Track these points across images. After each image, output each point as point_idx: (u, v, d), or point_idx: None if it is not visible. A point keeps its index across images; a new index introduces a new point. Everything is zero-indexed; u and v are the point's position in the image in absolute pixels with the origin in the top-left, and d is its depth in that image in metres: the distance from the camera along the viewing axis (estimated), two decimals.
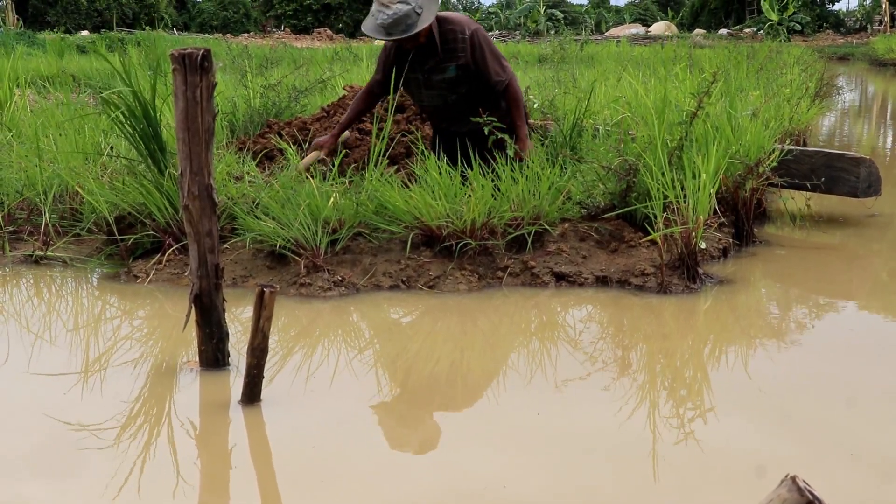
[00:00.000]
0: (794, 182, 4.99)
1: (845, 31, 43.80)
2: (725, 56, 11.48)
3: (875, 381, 2.95)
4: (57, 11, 44.26)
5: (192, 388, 2.84)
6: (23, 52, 14.15)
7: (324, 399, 2.78)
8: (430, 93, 4.57)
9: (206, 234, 2.83)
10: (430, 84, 4.54)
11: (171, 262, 4.00)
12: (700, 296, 3.76)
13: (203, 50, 2.74)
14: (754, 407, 2.72)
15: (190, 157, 2.77)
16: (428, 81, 4.53)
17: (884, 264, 4.54)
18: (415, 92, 4.66)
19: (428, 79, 4.52)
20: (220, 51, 13.23)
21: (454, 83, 4.51)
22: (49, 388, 2.86)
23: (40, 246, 4.25)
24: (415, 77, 4.54)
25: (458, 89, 4.52)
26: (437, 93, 4.55)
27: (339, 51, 17.40)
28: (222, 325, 2.90)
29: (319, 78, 8.04)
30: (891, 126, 11.80)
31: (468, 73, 4.47)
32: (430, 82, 4.53)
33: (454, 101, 4.56)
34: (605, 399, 2.78)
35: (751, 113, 5.34)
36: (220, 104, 6.09)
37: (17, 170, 4.81)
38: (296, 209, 3.90)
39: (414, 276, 3.87)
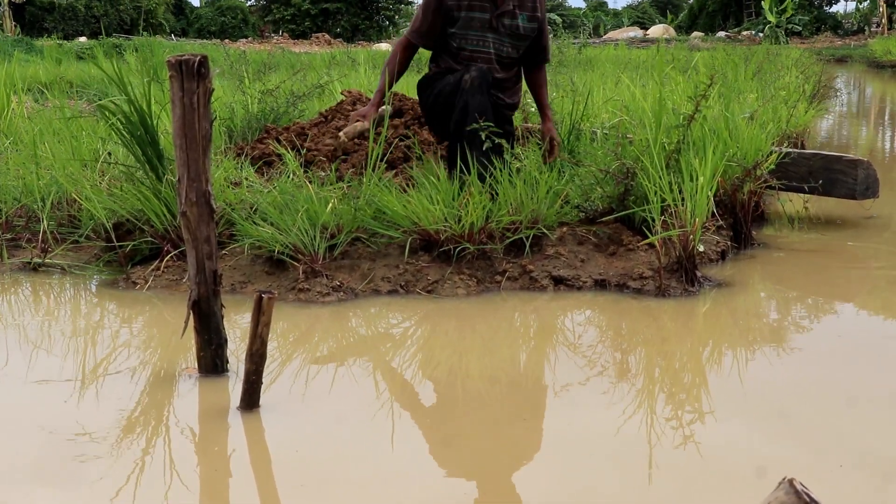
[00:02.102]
0: (792, 184, 5.00)
1: (843, 34, 43.89)
2: (723, 58, 11.50)
3: (875, 383, 2.95)
4: (54, 18, 44.28)
5: (191, 395, 2.84)
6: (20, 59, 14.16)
7: (323, 405, 2.78)
8: (495, 37, 4.41)
9: (204, 241, 2.83)
10: (497, 28, 4.40)
11: (170, 269, 4.00)
12: (698, 299, 3.76)
13: (200, 56, 2.74)
14: (753, 410, 2.72)
15: (187, 164, 2.77)
16: (498, 23, 4.39)
17: (882, 266, 4.54)
18: (475, 35, 4.41)
19: (499, 20, 4.39)
20: (218, 56, 13.23)
21: (520, 34, 4.44)
22: (48, 396, 2.86)
23: (38, 253, 4.25)
24: (483, 17, 4.39)
25: (520, 43, 4.46)
26: (501, 40, 4.41)
27: (337, 56, 17.42)
28: (221, 331, 2.90)
29: (317, 83, 8.03)
30: (889, 128, 11.81)
31: (532, 30, 4.46)
32: (499, 25, 4.40)
33: (507, 58, 4.47)
34: (605, 402, 2.78)
35: (748, 115, 5.34)
36: (217, 110, 6.10)
37: (14, 177, 4.81)
38: (294, 215, 3.91)
39: (412, 280, 3.88)
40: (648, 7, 71.08)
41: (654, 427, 2.60)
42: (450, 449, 2.52)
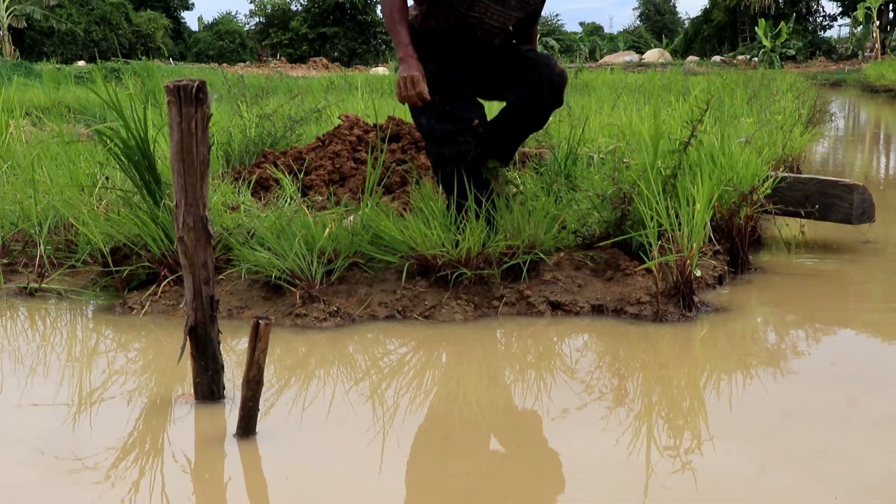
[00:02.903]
0: (789, 209, 5.01)
1: (837, 58, 44.14)
2: (719, 83, 11.55)
3: (872, 409, 2.94)
4: (53, 42, 44.48)
5: (187, 421, 2.83)
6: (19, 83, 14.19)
7: (320, 432, 2.77)
8: (502, 10, 4.05)
9: (201, 266, 2.82)
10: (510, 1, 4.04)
11: (167, 294, 4.00)
12: (696, 324, 3.76)
13: (198, 82, 2.75)
14: (751, 436, 2.71)
15: (185, 189, 2.78)
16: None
17: (879, 290, 4.55)
18: (488, 7, 4.03)
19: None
20: (216, 80, 13.28)
21: (528, 5, 4.12)
22: (43, 421, 2.85)
23: (35, 278, 4.24)
24: None
25: (523, 14, 4.15)
26: (507, 13, 4.07)
27: (334, 80, 17.49)
28: (217, 357, 2.89)
29: (315, 107, 8.06)
30: (884, 152, 11.84)
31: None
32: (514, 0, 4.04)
33: (505, 28, 4.15)
34: (603, 428, 2.77)
35: (744, 140, 5.36)
36: (215, 134, 6.12)
37: (11, 201, 4.81)
38: (291, 240, 3.91)
39: (410, 305, 3.87)
40: (644, 31, 71.50)
41: (652, 454, 2.59)
42: (447, 477, 2.51)
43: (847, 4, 48.56)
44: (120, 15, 48.26)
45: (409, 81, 3.90)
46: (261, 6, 55.17)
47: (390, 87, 15.77)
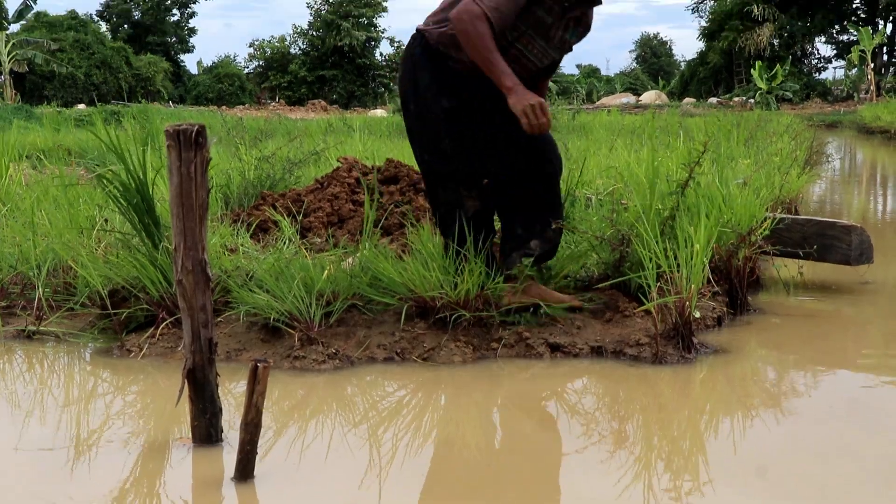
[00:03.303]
0: (787, 250, 5.02)
1: (833, 100, 44.42)
2: (716, 125, 11.61)
3: (874, 449, 2.93)
4: (54, 86, 44.75)
5: (185, 465, 2.81)
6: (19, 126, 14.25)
7: (318, 474, 2.75)
8: (542, 47, 3.86)
9: (199, 309, 2.82)
10: (552, 37, 3.85)
11: (165, 336, 3.99)
12: (695, 366, 3.75)
13: (197, 126, 2.76)
14: (750, 479, 2.70)
15: (184, 233, 2.78)
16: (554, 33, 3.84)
17: (878, 332, 4.54)
18: (531, 36, 3.80)
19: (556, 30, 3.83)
20: (216, 123, 13.35)
21: (563, 50, 3.96)
22: (40, 465, 2.83)
23: (33, 321, 4.23)
24: (547, 21, 3.79)
25: (560, 52, 3.97)
26: (546, 51, 3.88)
27: (332, 122, 17.58)
28: (215, 400, 2.88)
29: (313, 150, 8.10)
30: (881, 193, 11.89)
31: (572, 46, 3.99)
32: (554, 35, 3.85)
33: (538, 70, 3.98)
34: (602, 471, 2.75)
35: (742, 181, 5.38)
36: (214, 176, 6.14)
37: (11, 244, 4.81)
38: (290, 282, 3.91)
39: (408, 347, 3.86)
40: (641, 74, 72.01)
41: (653, 496, 2.57)
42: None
43: (841, 47, 49.03)
44: (120, 59, 48.61)
45: (539, 108, 3.60)
46: (260, 49, 55.58)
47: (388, 130, 15.86)
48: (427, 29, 3.86)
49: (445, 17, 3.74)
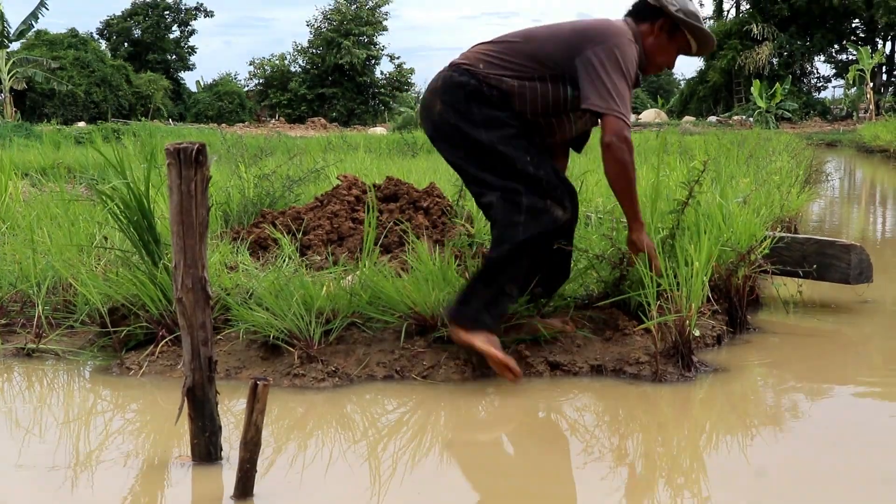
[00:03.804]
0: (787, 269, 5.02)
1: (832, 119, 44.53)
2: (716, 144, 11.64)
3: (873, 468, 2.92)
4: (54, 104, 44.85)
5: (185, 483, 2.81)
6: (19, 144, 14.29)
7: (318, 492, 2.75)
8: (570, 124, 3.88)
9: (199, 327, 2.82)
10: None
11: (164, 354, 3.99)
12: (695, 384, 3.74)
13: (198, 144, 2.77)
14: (751, 497, 2.69)
15: (184, 250, 2.78)
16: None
17: (877, 351, 4.54)
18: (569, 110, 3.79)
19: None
20: (215, 140, 13.36)
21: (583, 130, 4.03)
22: (39, 483, 2.82)
23: (33, 339, 4.23)
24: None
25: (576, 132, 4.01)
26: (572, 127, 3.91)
27: (332, 140, 17.61)
28: (215, 418, 2.88)
29: (313, 167, 8.11)
30: (880, 212, 11.90)
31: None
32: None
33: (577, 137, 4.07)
34: (603, 489, 2.75)
35: (741, 200, 5.39)
36: (214, 194, 6.14)
37: (10, 262, 4.82)
38: (289, 300, 3.91)
39: (408, 365, 3.86)
40: (640, 92, 72.18)
41: None
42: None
43: (841, 66, 49.18)
44: (120, 77, 48.74)
45: (644, 247, 3.85)
46: (260, 67, 55.73)
47: (388, 147, 15.89)
48: (482, 73, 3.69)
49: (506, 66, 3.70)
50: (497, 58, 3.73)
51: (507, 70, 3.70)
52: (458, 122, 3.68)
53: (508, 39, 3.81)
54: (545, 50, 3.70)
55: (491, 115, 3.67)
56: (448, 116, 3.71)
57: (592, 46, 3.63)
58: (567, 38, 3.70)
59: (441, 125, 3.76)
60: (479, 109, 3.67)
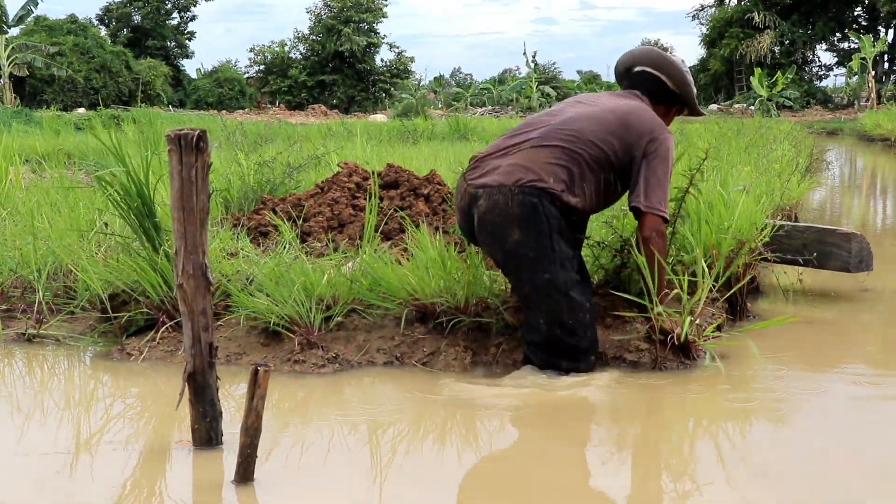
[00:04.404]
0: (787, 257, 5.02)
1: (833, 107, 44.44)
2: (717, 132, 11.62)
3: (872, 455, 2.93)
4: (54, 90, 44.74)
5: (186, 468, 2.82)
6: (19, 130, 14.27)
7: (318, 478, 2.75)
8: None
9: (200, 313, 2.82)
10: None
11: (165, 340, 3.99)
12: (695, 372, 3.75)
13: (199, 131, 2.77)
14: (752, 484, 2.70)
15: (185, 237, 2.78)
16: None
17: (877, 339, 4.54)
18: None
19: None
20: (216, 127, 13.34)
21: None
22: (40, 468, 2.83)
23: (33, 324, 4.23)
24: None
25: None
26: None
27: (333, 127, 17.59)
28: (216, 403, 2.88)
29: (314, 154, 8.10)
30: (881, 201, 11.90)
31: None
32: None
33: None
34: (603, 475, 2.76)
35: (742, 188, 5.39)
36: (214, 181, 6.13)
37: (11, 248, 4.82)
38: (290, 286, 3.91)
39: (408, 352, 3.87)
40: None
41: (653, 498, 2.58)
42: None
43: (842, 55, 49.09)
44: (120, 63, 48.60)
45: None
46: (260, 54, 55.58)
47: (389, 135, 15.88)
48: (555, 192, 3.61)
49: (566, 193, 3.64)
50: (561, 167, 3.65)
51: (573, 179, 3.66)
52: (538, 253, 3.59)
53: (560, 140, 3.69)
54: (604, 143, 3.70)
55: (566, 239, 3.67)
56: (527, 248, 3.60)
57: (648, 143, 3.72)
58: (616, 130, 3.72)
59: (515, 255, 3.64)
60: (559, 239, 3.62)
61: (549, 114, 3.90)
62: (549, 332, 3.62)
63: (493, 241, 3.67)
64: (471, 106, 47.99)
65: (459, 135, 17.27)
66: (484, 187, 3.65)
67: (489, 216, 3.63)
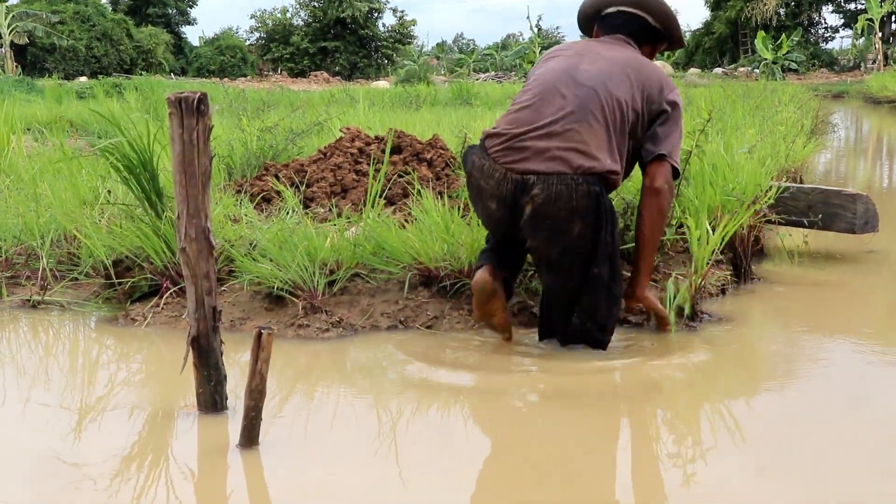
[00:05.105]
0: (792, 219, 5.01)
1: (839, 70, 44.14)
2: (721, 96, 11.56)
3: (874, 418, 2.93)
4: (55, 58, 44.57)
5: (190, 432, 2.82)
6: (21, 99, 14.23)
7: (323, 441, 2.76)
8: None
9: (203, 277, 2.82)
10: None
11: (169, 305, 4.00)
12: (699, 334, 3.74)
13: (199, 94, 2.75)
14: (754, 447, 2.70)
15: (187, 200, 2.77)
16: None
17: (883, 301, 4.54)
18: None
19: None
20: (218, 95, 13.30)
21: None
22: (46, 433, 2.84)
23: (38, 290, 4.24)
24: None
25: None
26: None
27: (335, 93, 17.52)
28: (220, 367, 2.89)
29: (316, 120, 8.07)
30: (887, 162, 11.85)
31: None
32: None
33: None
34: (606, 437, 2.76)
35: (747, 150, 5.36)
36: (216, 147, 6.12)
37: (14, 215, 4.81)
38: (293, 251, 3.90)
39: (412, 316, 3.87)
40: None
41: (657, 464, 2.58)
42: (450, 485, 2.50)
43: (849, 16, 48.66)
44: (121, 31, 48.36)
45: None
46: (262, 21, 55.27)
47: (391, 101, 15.81)
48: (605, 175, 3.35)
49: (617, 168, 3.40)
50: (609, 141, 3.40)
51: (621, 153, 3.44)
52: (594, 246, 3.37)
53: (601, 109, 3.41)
54: (634, 103, 3.48)
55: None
56: (587, 240, 3.35)
57: (667, 95, 3.53)
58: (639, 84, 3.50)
59: (574, 249, 3.37)
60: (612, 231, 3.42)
61: (571, 77, 3.50)
62: (581, 326, 3.47)
63: (551, 236, 3.34)
64: (473, 72, 47.75)
65: (463, 100, 17.19)
66: (538, 174, 3.31)
67: (549, 209, 3.29)
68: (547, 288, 3.55)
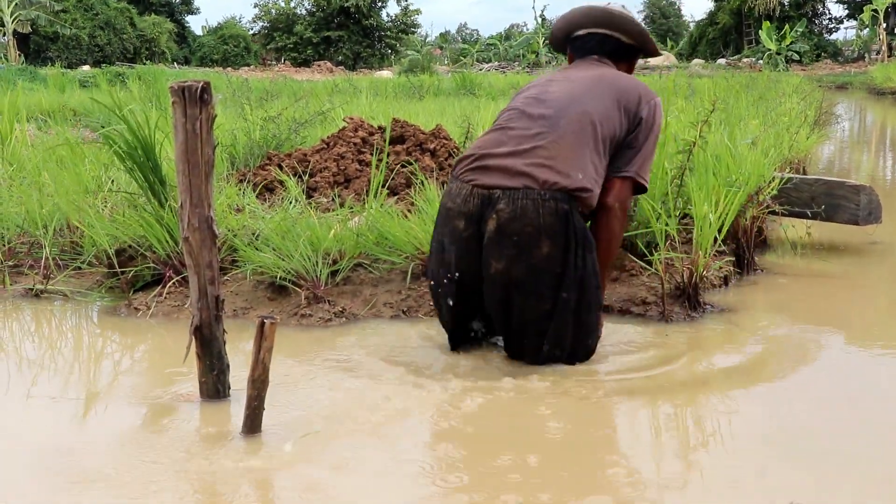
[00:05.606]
0: (795, 210, 5.01)
1: (843, 61, 44.03)
2: (725, 87, 11.54)
3: (876, 408, 2.94)
4: (58, 47, 44.55)
5: (193, 420, 2.83)
6: (24, 87, 14.23)
7: (325, 429, 2.76)
8: None
9: (206, 266, 2.82)
10: None
11: (172, 295, 4.00)
12: (701, 324, 3.75)
13: (202, 82, 2.75)
14: (758, 437, 2.71)
15: (190, 189, 2.78)
16: None
17: (886, 292, 4.53)
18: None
19: None
20: (221, 84, 13.29)
21: None
22: (48, 422, 2.85)
23: (41, 279, 4.25)
24: None
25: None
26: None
27: (339, 83, 17.51)
28: (223, 356, 2.89)
29: (319, 110, 8.07)
30: (890, 154, 11.83)
31: None
32: None
33: None
34: (611, 427, 2.76)
35: (750, 141, 5.35)
36: (220, 137, 6.12)
37: (17, 204, 4.82)
38: (296, 241, 3.91)
39: (415, 305, 3.87)
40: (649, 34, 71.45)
41: (661, 454, 2.59)
42: (455, 471, 2.50)
43: (853, 7, 48.54)
44: (124, 20, 48.32)
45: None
46: (265, 10, 55.22)
47: (395, 91, 15.80)
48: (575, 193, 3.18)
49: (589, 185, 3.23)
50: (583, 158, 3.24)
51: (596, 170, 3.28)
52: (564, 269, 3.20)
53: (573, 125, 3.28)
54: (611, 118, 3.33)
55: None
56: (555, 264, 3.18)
57: (645, 110, 3.38)
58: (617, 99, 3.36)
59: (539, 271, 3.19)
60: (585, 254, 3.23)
61: (537, 99, 3.40)
62: (549, 353, 3.30)
63: (518, 255, 3.16)
64: (477, 62, 47.68)
65: (466, 90, 17.18)
66: (504, 189, 3.18)
67: (515, 225, 3.14)
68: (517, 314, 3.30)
